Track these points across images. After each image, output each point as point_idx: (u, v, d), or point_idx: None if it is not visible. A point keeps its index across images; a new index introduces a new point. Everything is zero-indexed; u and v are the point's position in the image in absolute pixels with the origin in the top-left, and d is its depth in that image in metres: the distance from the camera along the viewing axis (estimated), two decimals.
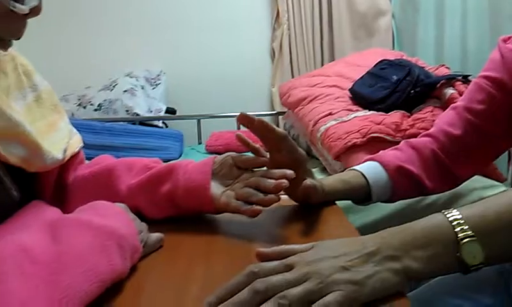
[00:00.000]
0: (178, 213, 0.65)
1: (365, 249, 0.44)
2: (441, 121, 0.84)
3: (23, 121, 0.51)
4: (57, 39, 2.12)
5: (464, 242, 0.43)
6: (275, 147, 0.64)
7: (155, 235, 0.57)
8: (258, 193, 0.60)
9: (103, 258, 0.43)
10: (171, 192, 0.63)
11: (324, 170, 1.62)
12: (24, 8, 0.48)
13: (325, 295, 0.40)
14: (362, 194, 0.75)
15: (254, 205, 0.59)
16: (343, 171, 1.30)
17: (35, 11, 0.50)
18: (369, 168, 0.77)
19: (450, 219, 0.45)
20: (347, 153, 1.43)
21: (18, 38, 0.52)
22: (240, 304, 0.40)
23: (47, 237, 0.43)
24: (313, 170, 0.74)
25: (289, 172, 0.61)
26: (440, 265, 0.44)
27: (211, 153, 2.04)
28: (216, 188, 0.62)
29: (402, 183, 0.77)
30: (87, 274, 0.41)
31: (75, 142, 0.68)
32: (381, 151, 0.82)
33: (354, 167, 0.78)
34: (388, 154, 0.80)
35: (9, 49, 0.54)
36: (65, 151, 0.62)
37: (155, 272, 0.52)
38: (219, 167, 0.64)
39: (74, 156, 0.67)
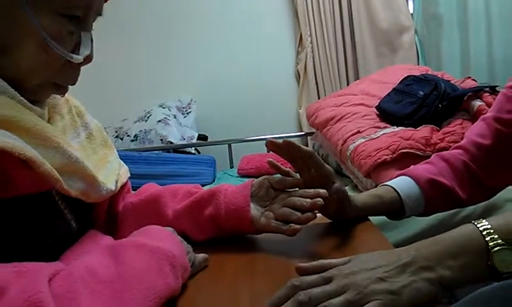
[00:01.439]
0: (220, 235, 0.69)
1: (400, 261, 0.46)
2: (472, 132, 0.85)
3: (81, 157, 0.56)
4: (95, 76, 2.23)
5: (495, 250, 0.45)
6: (304, 166, 0.68)
7: (201, 256, 0.61)
8: (296, 212, 0.64)
9: (159, 277, 0.48)
10: (214, 215, 0.67)
11: (355, 188, 1.63)
12: (79, 58, 0.54)
13: (364, 305, 0.43)
14: (395, 209, 0.77)
15: (292, 224, 0.63)
16: (375, 187, 1.32)
17: (88, 59, 0.56)
18: (401, 182, 0.78)
19: (480, 229, 0.47)
20: (377, 170, 1.44)
21: (74, 84, 0.59)
22: None
23: (108, 259, 0.47)
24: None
25: (322, 191, 0.65)
26: (472, 273, 0.46)
27: (243, 176, 2.08)
28: (255, 209, 0.66)
29: (434, 195, 0.78)
30: (147, 291, 0.45)
31: (124, 173, 0.73)
32: (412, 166, 0.83)
33: (385, 183, 0.80)
34: (419, 168, 0.82)
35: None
36: (117, 182, 0.67)
37: (203, 289, 0.56)
38: (257, 190, 0.68)
39: (123, 186, 0.73)
